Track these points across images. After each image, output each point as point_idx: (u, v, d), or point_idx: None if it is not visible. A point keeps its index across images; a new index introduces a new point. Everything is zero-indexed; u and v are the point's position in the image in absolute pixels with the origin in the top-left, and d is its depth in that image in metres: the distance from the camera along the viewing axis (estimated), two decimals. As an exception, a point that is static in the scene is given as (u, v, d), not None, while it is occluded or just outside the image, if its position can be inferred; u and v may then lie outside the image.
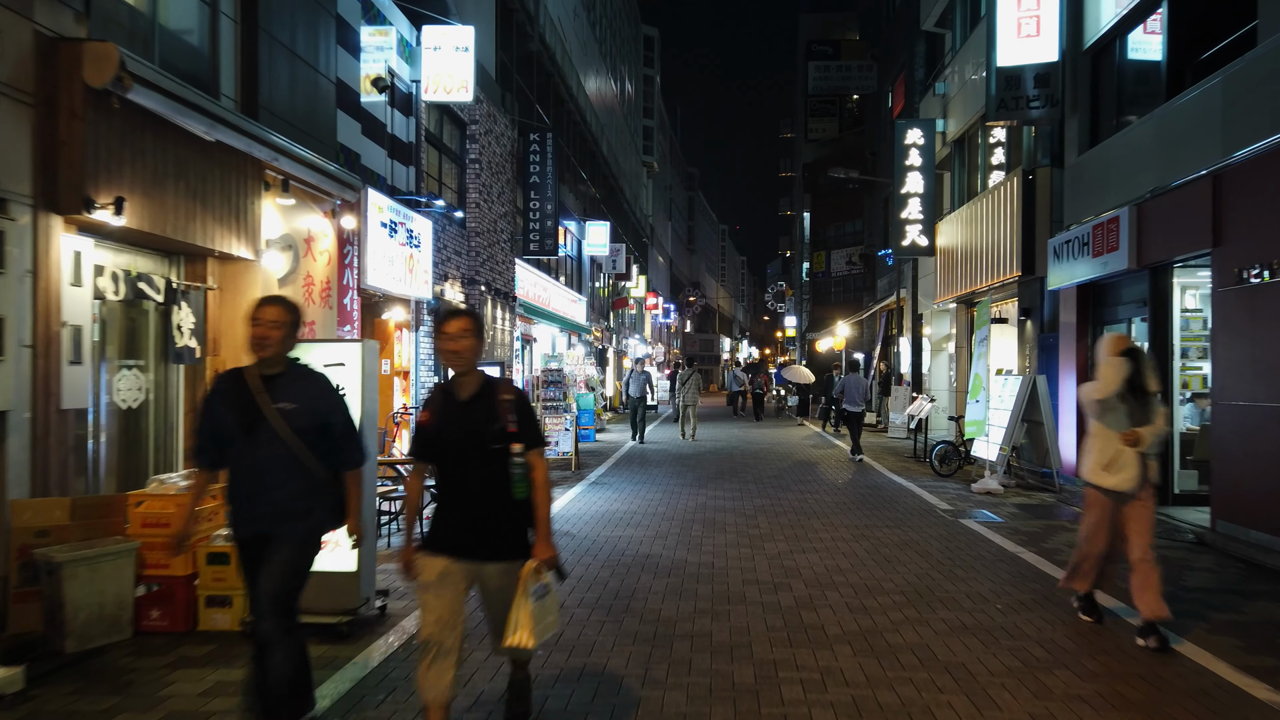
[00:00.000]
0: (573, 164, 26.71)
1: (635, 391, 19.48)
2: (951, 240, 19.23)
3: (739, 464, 15.41)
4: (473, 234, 14.92)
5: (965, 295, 18.66)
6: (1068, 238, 12.60)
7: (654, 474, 13.90)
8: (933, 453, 14.25)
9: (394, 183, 11.75)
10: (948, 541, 8.64)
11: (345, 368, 5.56)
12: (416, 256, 11.80)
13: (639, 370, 20.38)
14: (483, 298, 15.21)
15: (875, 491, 12.13)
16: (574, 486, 12.39)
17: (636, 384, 19.51)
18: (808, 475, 13.87)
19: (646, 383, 19.74)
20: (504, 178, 16.62)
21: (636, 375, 19.82)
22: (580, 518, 9.84)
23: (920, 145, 20.20)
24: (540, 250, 17.54)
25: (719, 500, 11.14)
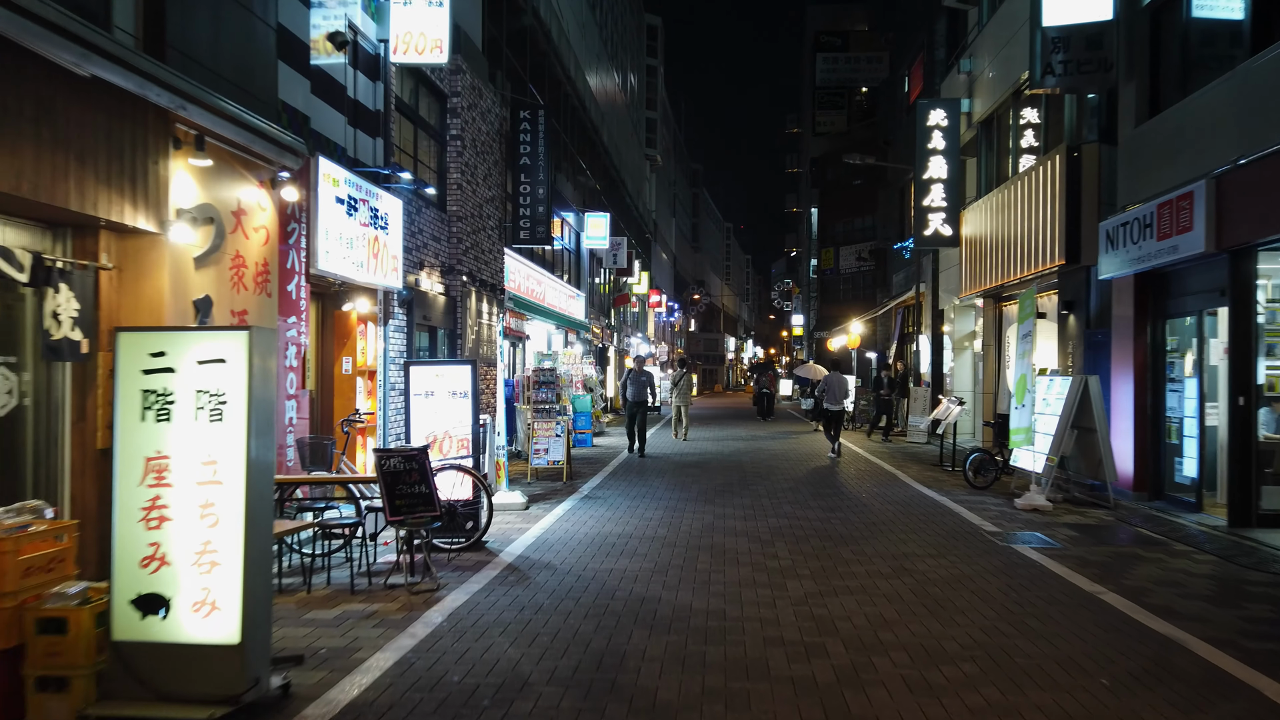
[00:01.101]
0: (570, 152, 25.23)
1: (635, 395, 16.79)
2: (978, 229, 17.73)
3: (750, 473, 13.91)
4: (454, 218, 13.46)
5: (993, 289, 17.18)
6: (1124, 220, 11.09)
7: (655, 485, 12.42)
8: (967, 462, 12.75)
9: (358, 156, 10.28)
10: (1006, 576, 7.15)
11: (227, 365, 4.09)
12: (383, 240, 10.33)
13: (638, 370, 17.60)
14: (465, 289, 13.74)
15: (906, 508, 10.64)
16: (563, 501, 10.92)
17: (636, 386, 16.85)
18: (827, 487, 12.38)
19: (648, 385, 16.99)
20: (491, 159, 15.15)
21: (635, 376, 17.15)
22: (566, 543, 8.36)
23: (944, 127, 18.70)
24: (531, 239, 16.08)
25: (729, 520, 9.66)
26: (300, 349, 8.45)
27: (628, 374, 17.64)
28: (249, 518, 4.09)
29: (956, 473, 14.27)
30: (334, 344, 10.31)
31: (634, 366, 18.04)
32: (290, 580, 6.84)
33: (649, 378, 17.27)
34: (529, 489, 11.97)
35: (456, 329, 13.52)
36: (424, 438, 8.25)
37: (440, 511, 6.82)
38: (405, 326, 11.56)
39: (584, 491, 11.87)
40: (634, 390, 16.88)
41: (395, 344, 11.25)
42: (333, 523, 6.76)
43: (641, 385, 16.86)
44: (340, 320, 10.33)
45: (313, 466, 7.78)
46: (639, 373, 17.33)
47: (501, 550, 8.02)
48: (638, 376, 17.13)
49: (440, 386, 8.33)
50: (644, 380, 16.96)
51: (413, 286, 11.80)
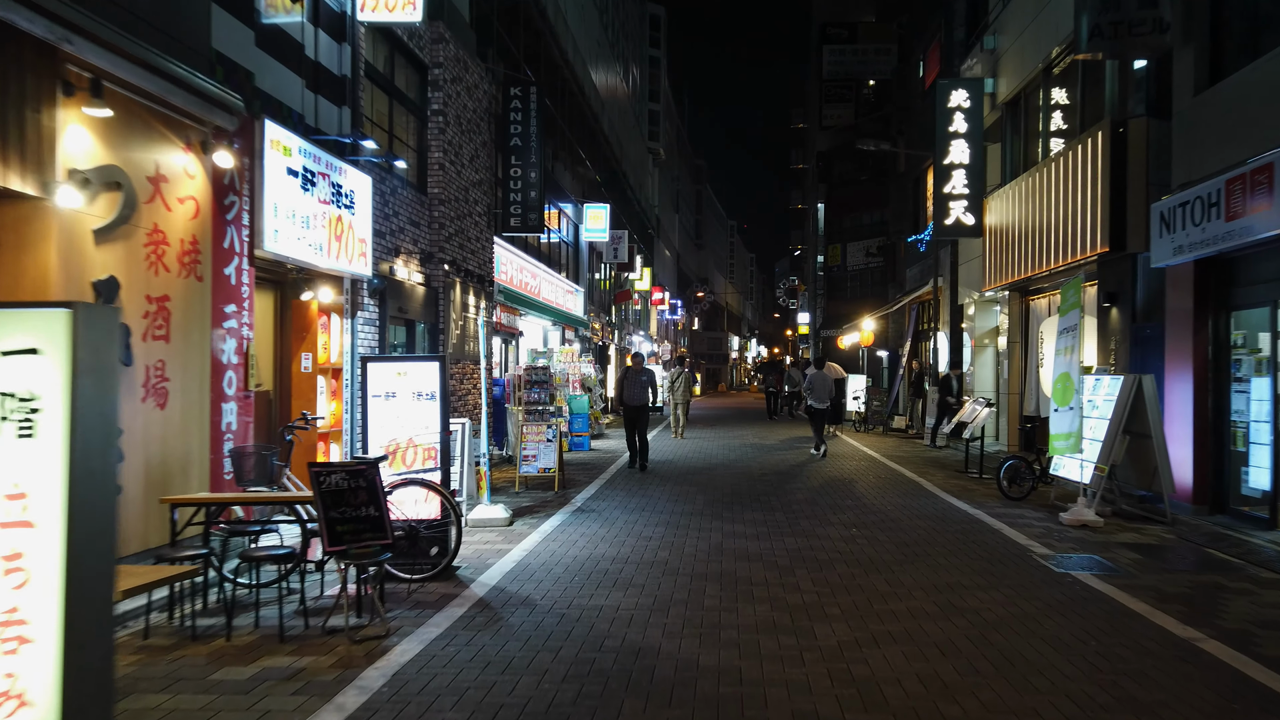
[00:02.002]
0: (568, 140, 24.02)
1: (633, 397, 14.21)
2: (1003, 218, 16.50)
3: (760, 482, 12.69)
4: (435, 201, 12.26)
5: (1020, 282, 15.94)
6: (1183, 200, 9.85)
7: (656, 496, 11.21)
8: (1001, 470, 11.52)
9: (320, 126, 9.08)
10: (1078, 616, 5.93)
11: (41, 358, 2.88)
12: (349, 221, 9.14)
13: (637, 367, 14.69)
14: (448, 280, 12.54)
15: (939, 524, 9.42)
16: (552, 516, 9.71)
17: (634, 387, 14.29)
18: (847, 499, 11.16)
19: (649, 385, 14.40)
20: (478, 139, 13.95)
21: (634, 374, 14.47)
22: (551, 570, 7.15)
23: (966, 109, 17.46)
24: (523, 226, 14.87)
25: (740, 539, 8.44)
26: (242, 342, 7.26)
27: (624, 372, 14.84)
28: (72, 573, 2.88)
29: (986, 481, 13.06)
30: (292, 338, 9.11)
31: (632, 363, 14.80)
32: (209, 622, 5.63)
33: (650, 376, 14.57)
34: (516, 500, 10.77)
35: (438, 323, 12.32)
36: (381, 447, 7.05)
37: (392, 539, 5.61)
38: (377, 319, 10.37)
39: (577, 503, 10.66)
40: (632, 391, 14.29)
41: (365, 339, 10.05)
42: (257, 554, 5.55)
43: (641, 386, 14.34)
44: (299, 311, 9.13)
45: (250, 482, 6.59)
46: (638, 370, 14.58)
47: (474, 579, 6.82)
48: (636, 375, 14.47)
49: (403, 387, 7.12)
50: (644, 380, 14.43)
51: (386, 275, 10.60)
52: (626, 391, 14.45)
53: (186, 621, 5.55)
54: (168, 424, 6.38)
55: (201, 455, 6.77)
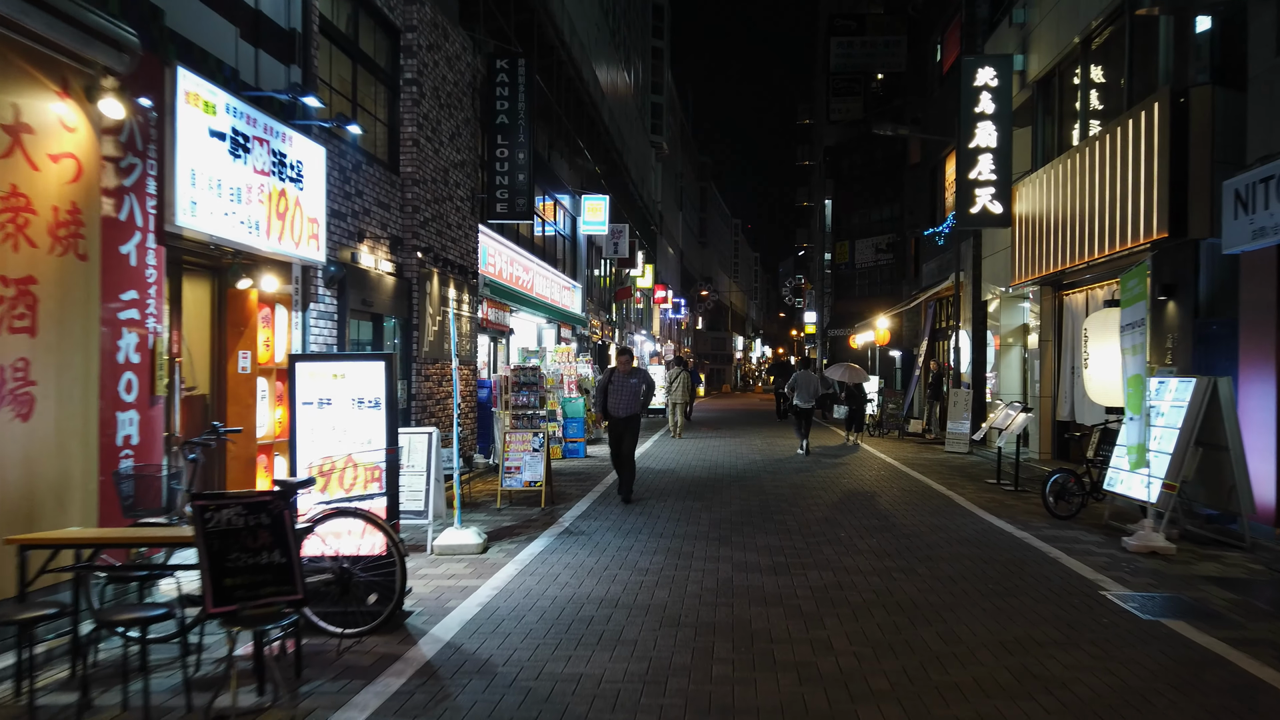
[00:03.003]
0: (565, 128, 22.68)
1: (623, 407, 10.88)
2: (1035, 206, 15.15)
3: (772, 496, 11.34)
4: (409, 181, 10.93)
5: (1053, 275, 14.59)
6: (1266, 174, 8.49)
7: (655, 514, 9.86)
8: (1046, 485, 10.17)
9: (259, 84, 7.74)
10: (1195, 690, 4.58)
11: None
12: (295, 197, 7.81)
13: (625, 368, 11.08)
14: (424, 270, 11.21)
15: (986, 550, 8.07)
16: (534, 540, 8.37)
17: (623, 393, 10.89)
18: (873, 517, 9.80)
19: (643, 391, 11.00)
20: (459, 116, 12.61)
21: (620, 377, 10.99)
22: (521, 619, 5.81)
23: (993, 88, 16.10)
24: (510, 213, 13.53)
25: (754, 573, 7.09)
26: (146, 337, 5.92)
27: (609, 374, 11.13)
28: None
29: (1024, 495, 11.72)
30: (228, 334, 7.78)
31: (619, 363, 11.21)
32: (64, 700, 4.30)
33: (643, 379, 11.04)
34: (496, 518, 9.43)
35: (412, 318, 10.99)
36: (312, 466, 5.71)
37: (303, 593, 4.28)
38: (335, 312, 9.04)
39: (565, 523, 9.32)
40: (620, 398, 10.86)
41: (320, 335, 8.71)
42: (116, 616, 4.20)
43: (631, 391, 10.85)
44: (236, 302, 7.79)
45: (146, 511, 5.26)
46: (628, 371, 11.02)
47: (426, 631, 5.48)
48: (625, 378, 10.95)
49: (341, 392, 5.78)
50: (635, 384, 10.91)
51: (347, 262, 9.27)
52: (612, 398, 10.87)
53: (39, 697, 4.22)
54: (33, 439, 5.05)
55: (86, 478, 5.44)
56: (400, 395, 10.84)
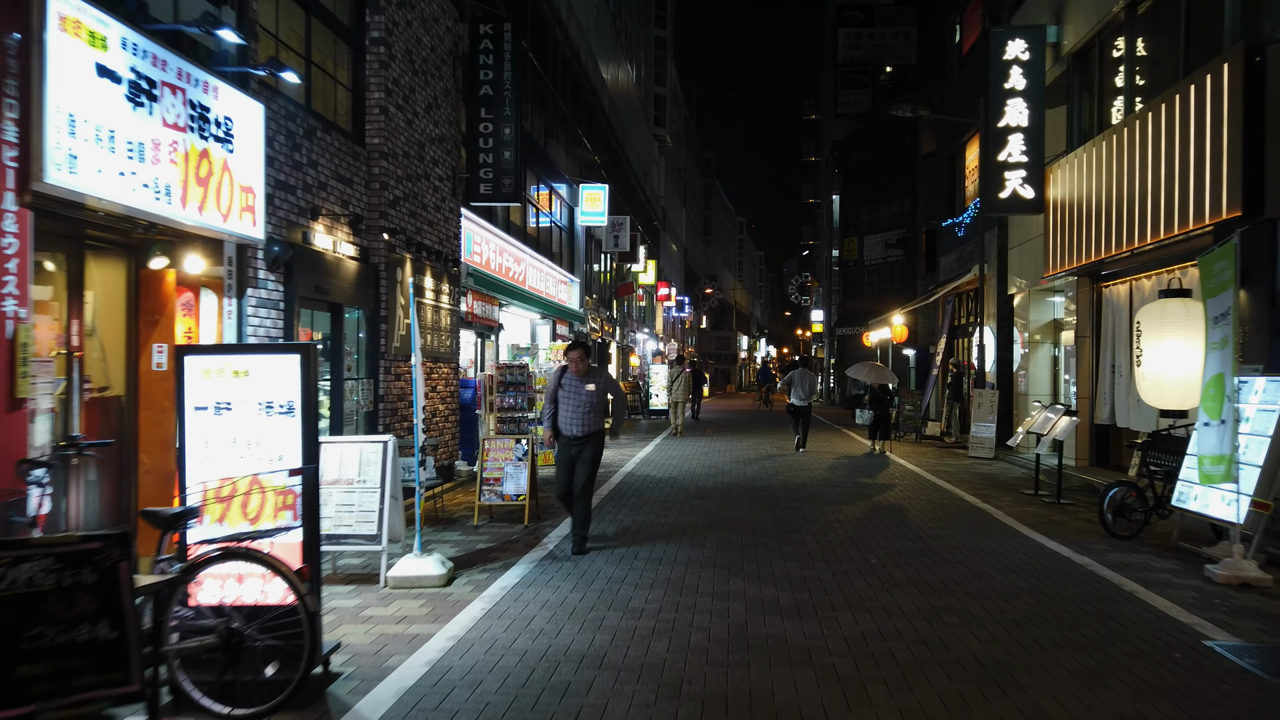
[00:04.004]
0: (563, 112, 21.39)
1: (577, 423, 7.85)
2: (1071, 190, 13.83)
3: (788, 511, 10.03)
4: (376, 154, 9.65)
5: (1092, 265, 13.29)
6: (1375, 136, 7.18)
7: (654, 532, 8.56)
8: (1104, 500, 8.86)
9: (179, 20, 6.46)
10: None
11: None
12: (221, 159, 6.53)
13: (580, 365, 7.92)
14: (394, 255, 9.93)
15: (1046, 582, 6.76)
16: (511, 568, 7.08)
17: (576, 402, 7.84)
18: (906, 539, 8.49)
19: (606, 399, 8.06)
20: (438, 85, 11.33)
21: (575, 383, 7.88)
22: (477, 686, 4.51)
23: (1025, 61, 14.78)
24: (495, 194, 12.24)
25: (772, 616, 5.78)
26: (2, 326, 4.64)
27: (558, 375, 7.98)
28: None
29: (1067, 509, 10.44)
30: (140, 324, 6.51)
31: (569, 361, 7.96)
32: None
33: (606, 385, 8.03)
34: (471, 538, 8.15)
35: (380, 309, 9.71)
36: (200, 489, 4.42)
37: (140, 683, 2.99)
38: (281, 300, 7.75)
39: (549, 544, 8.04)
40: (571, 410, 7.82)
41: (260, 326, 7.43)
42: None
43: (589, 401, 7.81)
44: (151, 286, 6.52)
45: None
46: (583, 374, 7.90)
47: (350, 708, 4.19)
48: (579, 383, 7.84)
49: (244, 393, 4.49)
50: (594, 391, 7.84)
51: (297, 243, 7.99)
52: (562, 410, 7.81)
53: None
54: None
55: (-94, 505, 4.16)
56: (365, 397, 9.56)
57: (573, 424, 7.83)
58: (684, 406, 21.85)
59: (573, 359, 7.94)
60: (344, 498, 6.71)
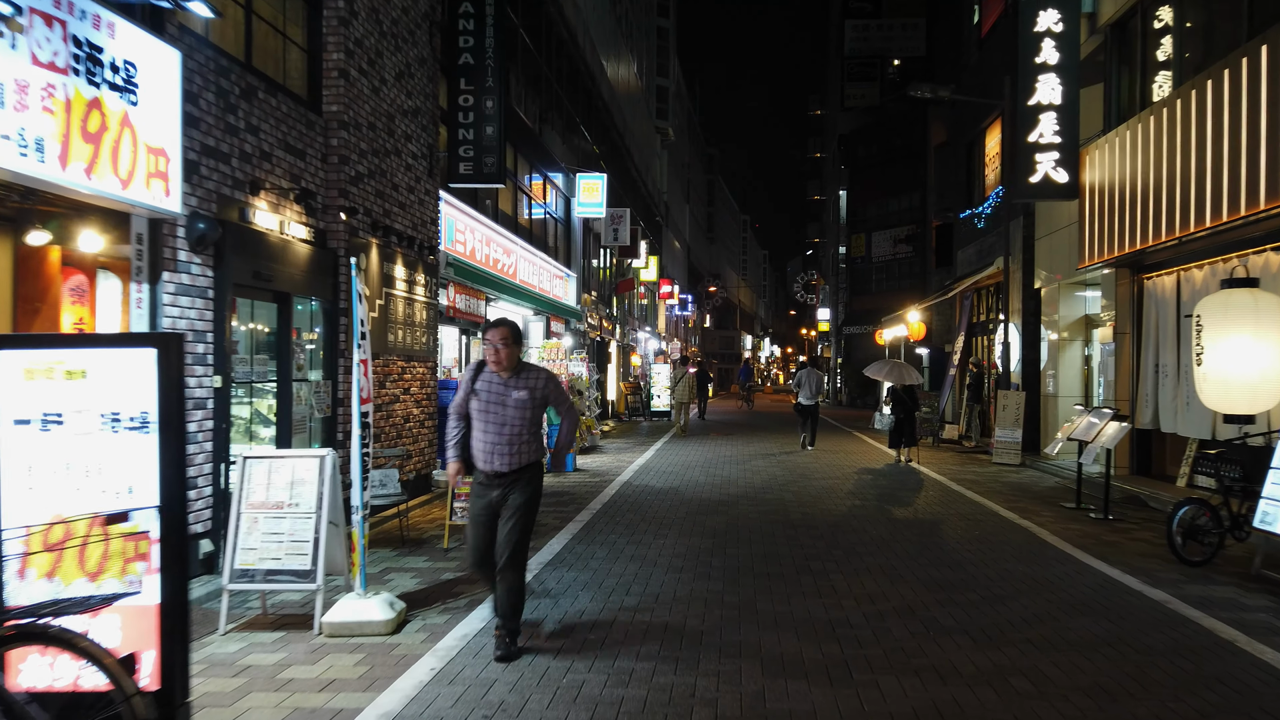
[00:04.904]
0: (558, 96, 20.21)
1: (497, 451, 5.04)
2: (1109, 174, 12.62)
3: (802, 530, 8.82)
4: (336, 125, 8.47)
5: (1132, 255, 12.09)
6: None
7: (649, 560, 7.35)
8: (1173, 520, 7.65)
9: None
10: None
11: None
12: (119, 112, 5.35)
13: (498, 367, 5.08)
14: (358, 240, 8.74)
15: (1124, 627, 5.55)
16: (477, 608, 5.89)
17: (500, 417, 5.05)
18: (943, 565, 7.28)
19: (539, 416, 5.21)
20: (412, 52, 10.15)
21: (497, 387, 5.09)
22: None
23: (1058, 34, 13.58)
24: (476, 175, 11.05)
25: (795, 682, 4.58)
26: None
27: (472, 373, 5.19)
28: None
29: (1118, 526, 9.25)
30: (17, 312, 5.33)
31: (492, 343, 5.08)
32: None
33: (548, 390, 5.20)
34: (437, 565, 6.96)
35: (339, 300, 8.52)
36: (21, 534, 3.22)
37: None
38: (210, 287, 6.56)
39: (527, 574, 6.84)
40: (495, 436, 5.05)
41: (180, 318, 6.24)
42: None
43: (516, 417, 5.07)
44: (30, 267, 5.34)
45: None
46: (510, 374, 5.11)
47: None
48: (503, 386, 5.08)
49: (80, 401, 3.30)
50: (526, 402, 5.09)
51: (231, 220, 6.80)
52: (477, 430, 5.12)
53: None
54: None
55: None
56: (322, 401, 8.37)
57: (493, 453, 4.99)
58: (689, 407, 21.61)
59: (492, 343, 5.02)
60: (271, 525, 5.53)
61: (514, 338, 5.15)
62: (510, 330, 5.15)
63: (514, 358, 5.15)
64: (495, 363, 5.10)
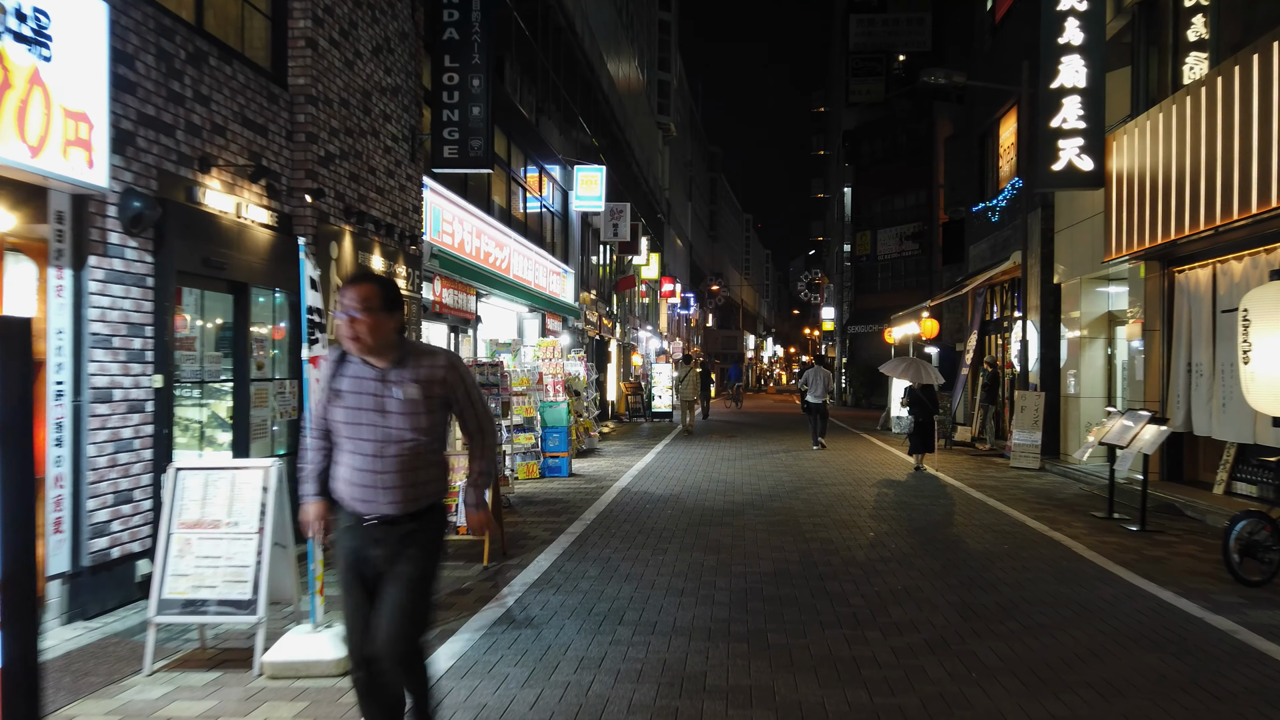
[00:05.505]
0: (555, 86, 19.46)
1: (376, 487, 3.22)
2: (1137, 161, 11.85)
3: (815, 543, 8.05)
4: (303, 99, 7.72)
5: (1163, 247, 11.32)
6: None
7: (646, 580, 6.59)
8: (1229, 535, 6.89)
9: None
10: None
11: None
12: (28, 67, 4.61)
13: (362, 354, 3.24)
14: (329, 225, 7.99)
15: (1195, 665, 4.78)
16: (444, 642, 5.13)
17: (375, 436, 3.23)
18: (975, 586, 6.50)
19: (441, 427, 3.36)
20: (391, 25, 9.40)
21: (376, 388, 3.24)
22: None
23: (1082, 12, 12.81)
24: (461, 159, 10.29)
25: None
26: None
27: (332, 369, 3.35)
28: None
29: (1159, 538, 8.45)
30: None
31: (349, 308, 3.15)
32: None
33: (452, 385, 3.31)
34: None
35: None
36: None
37: None
38: (149, 274, 5.81)
39: (509, 596, 6.09)
40: (365, 460, 3.24)
41: (112, 309, 5.49)
42: None
43: (399, 429, 3.23)
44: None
45: None
46: (392, 356, 3.26)
47: None
48: (377, 386, 3.24)
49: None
50: (415, 405, 3.24)
51: (175, 200, 6.04)
52: (345, 449, 3.29)
53: None
54: None
55: None
56: (286, 404, 7.62)
57: (371, 488, 3.24)
58: (694, 406, 21.61)
59: (347, 311, 3.17)
60: (207, 547, 4.77)
61: (385, 301, 3.20)
62: (378, 290, 3.21)
63: (386, 334, 3.20)
64: (354, 341, 3.17)
